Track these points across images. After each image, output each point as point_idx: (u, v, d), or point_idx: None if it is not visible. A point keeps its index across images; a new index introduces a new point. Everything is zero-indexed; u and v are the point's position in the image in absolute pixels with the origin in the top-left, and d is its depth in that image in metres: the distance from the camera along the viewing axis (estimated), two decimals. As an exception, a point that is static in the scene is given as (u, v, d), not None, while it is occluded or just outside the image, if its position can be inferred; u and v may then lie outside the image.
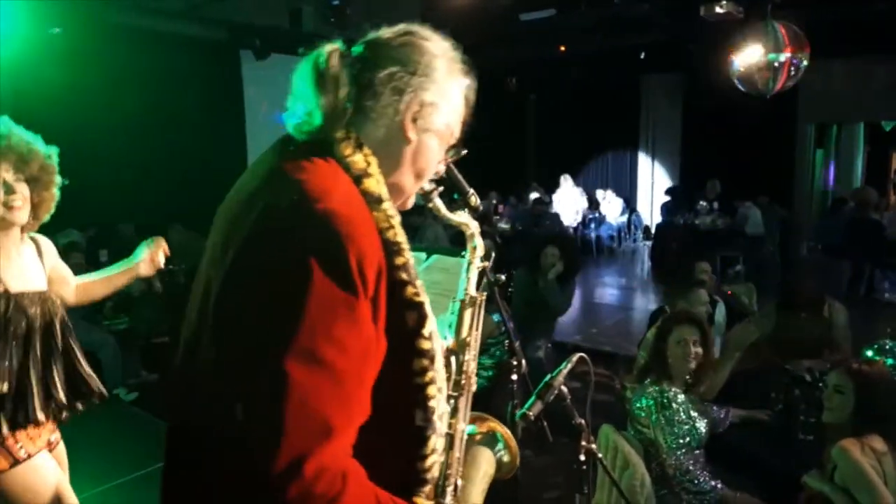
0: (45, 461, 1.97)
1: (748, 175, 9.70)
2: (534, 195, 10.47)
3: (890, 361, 3.03)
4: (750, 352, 3.42)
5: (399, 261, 0.98)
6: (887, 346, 3.04)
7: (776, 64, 5.99)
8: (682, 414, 2.62)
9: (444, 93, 1.08)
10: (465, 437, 1.24)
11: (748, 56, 6.13)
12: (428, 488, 1.05)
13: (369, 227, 0.95)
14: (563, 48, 9.55)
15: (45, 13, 6.02)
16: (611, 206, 11.14)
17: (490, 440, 1.37)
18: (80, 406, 2.09)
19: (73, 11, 6.24)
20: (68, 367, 2.03)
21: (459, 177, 1.50)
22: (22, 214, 1.94)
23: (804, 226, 9.86)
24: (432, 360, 1.01)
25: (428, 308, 1.01)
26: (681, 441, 2.59)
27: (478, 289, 1.40)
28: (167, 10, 7.30)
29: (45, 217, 2.07)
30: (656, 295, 8.10)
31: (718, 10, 6.65)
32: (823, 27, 7.57)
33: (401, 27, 1.10)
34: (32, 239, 2.08)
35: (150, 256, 2.24)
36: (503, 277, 1.80)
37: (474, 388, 1.28)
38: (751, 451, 2.86)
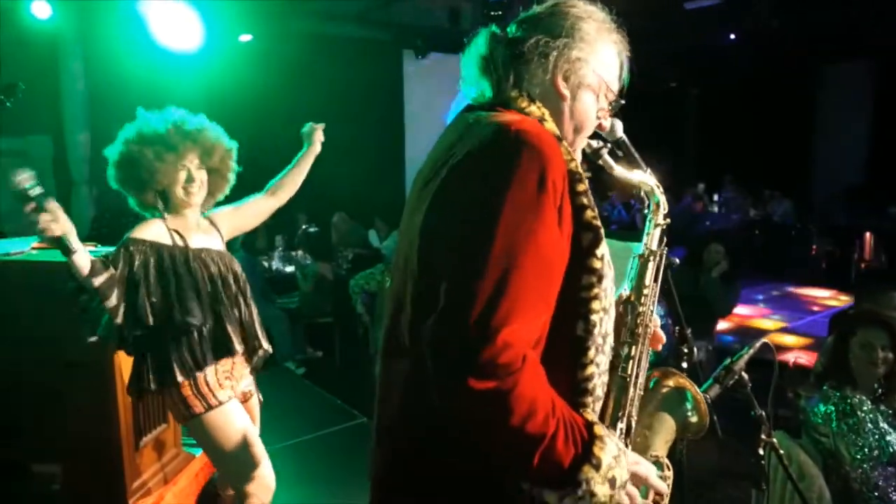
0: (235, 408, 2.21)
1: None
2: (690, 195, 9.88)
3: None
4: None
5: (580, 187, 1.08)
6: None
7: None
8: (868, 424, 2.36)
9: (592, 50, 1.19)
10: (642, 383, 1.27)
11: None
12: (589, 400, 1.10)
13: (558, 151, 1.06)
14: (732, 36, 8.92)
15: (238, 22, 6.71)
16: (779, 205, 10.23)
17: (678, 397, 1.35)
18: (255, 358, 2.34)
19: (261, 20, 6.90)
20: (249, 318, 2.29)
21: (636, 155, 1.50)
22: (197, 199, 2.26)
23: None
24: (600, 279, 1.08)
25: (603, 233, 1.10)
26: (867, 453, 2.34)
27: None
28: (342, 16, 7.85)
29: (220, 197, 2.41)
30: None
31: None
32: None
33: (550, 2, 1.22)
34: (206, 217, 2.36)
35: (315, 137, 2.59)
36: (677, 260, 1.75)
37: (651, 335, 1.30)
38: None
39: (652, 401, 1.30)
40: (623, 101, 1.30)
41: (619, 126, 1.52)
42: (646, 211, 1.36)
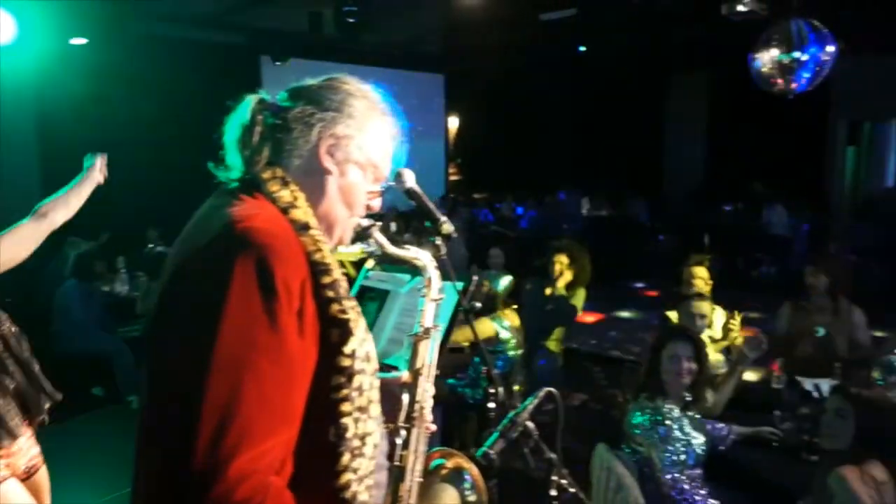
0: (10, 489, 1.97)
1: (777, 174, 9.47)
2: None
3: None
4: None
5: (326, 280, 1.02)
6: (894, 363, 2.92)
7: (799, 63, 5.80)
8: (676, 431, 2.55)
9: (361, 127, 1.16)
10: (419, 469, 1.25)
11: (770, 55, 5.95)
12: None
13: (293, 246, 1.01)
14: (583, 48, 9.41)
15: (68, 23, 6.16)
16: (635, 206, 10.94)
17: (456, 477, 1.36)
18: (44, 417, 2.12)
19: (97, 22, 6.38)
20: (26, 383, 2.06)
21: (430, 204, 1.51)
22: None
23: (835, 226, 9.58)
24: (350, 377, 1.03)
25: (356, 326, 1.05)
26: (675, 459, 2.53)
27: (456, 318, 1.40)
28: (190, 18, 7.43)
29: None
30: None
31: (741, 8, 6.45)
32: (855, 24, 7.36)
33: (324, 76, 1.19)
34: None
35: (95, 167, 2.39)
36: (479, 305, 1.79)
37: (429, 419, 1.30)
38: (754, 471, 2.78)
39: (432, 484, 1.29)
40: (392, 184, 1.28)
41: (409, 176, 1.51)
42: (422, 289, 1.34)
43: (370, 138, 1.18)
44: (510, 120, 12.00)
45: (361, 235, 1.27)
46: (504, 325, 3.70)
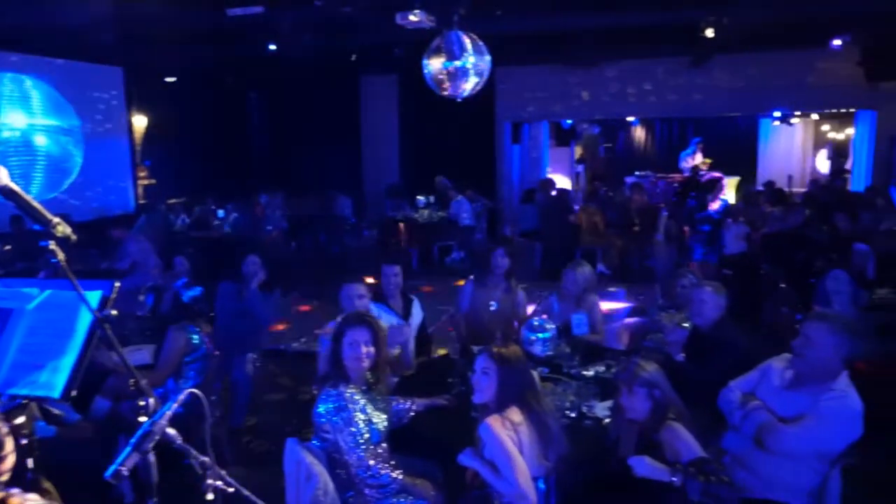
0: None
1: (457, 170, 10.59)
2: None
3: (542, 336, 3.50)
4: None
5: None
6: (535, 324, 3.50)
7: (462, 70, 6.54)
8: (359, 413, 2.70)
9: None
10: None
11: (438, 62, 6.60)
12: None
13: None
14: (273, 47, 9.32)
15: None
16: (338, 204, 11.22)
17: None
18: None
19: None
20: None
21: (38, 207, 1.38)
22: None
23: (505, 213, 11.15)
24: None
25: None
26: (359, 440, 2.66)
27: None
28: None
29: None
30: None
31: (412, 17, 7.03)
32: (515, 39, 8.63)
33: None
34: None
35: None
36: (115, 312, 1.67)
37: None
38: (434, 436, 3.07)
39: None
40: None
41: (2, 173, 1.37)
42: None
43: None
44: (205, 119, 11.32)
45: None
46: (196, 333, 3.52)
